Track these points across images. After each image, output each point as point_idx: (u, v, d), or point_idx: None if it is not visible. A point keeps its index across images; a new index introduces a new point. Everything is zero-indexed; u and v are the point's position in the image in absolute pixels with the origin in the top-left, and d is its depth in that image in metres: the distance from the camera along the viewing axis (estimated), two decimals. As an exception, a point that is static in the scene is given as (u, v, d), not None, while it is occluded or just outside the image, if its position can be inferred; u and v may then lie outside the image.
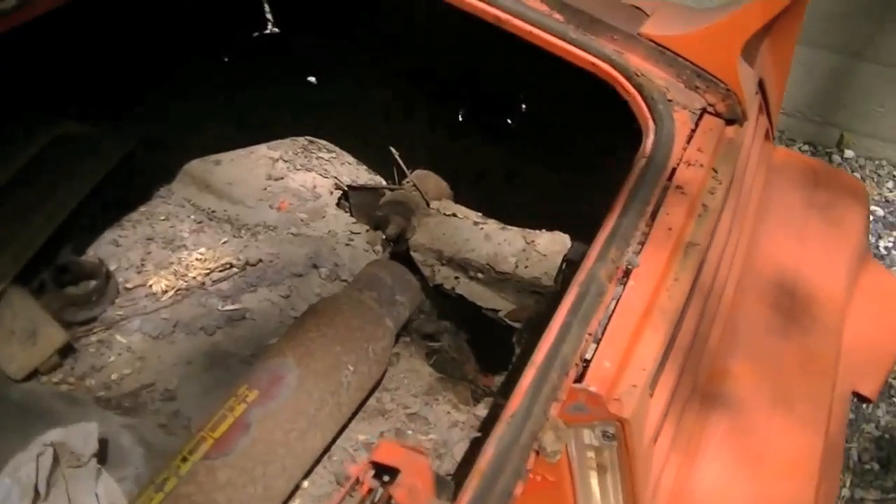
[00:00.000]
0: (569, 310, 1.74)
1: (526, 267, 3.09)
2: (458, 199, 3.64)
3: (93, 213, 3.40)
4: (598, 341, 1.72)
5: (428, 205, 3.51)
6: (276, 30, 4.34)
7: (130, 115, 3.69)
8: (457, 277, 3.23)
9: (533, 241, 3.17)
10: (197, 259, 3.28)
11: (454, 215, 3.38)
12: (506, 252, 3.15)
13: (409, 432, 2.77)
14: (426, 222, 3.36)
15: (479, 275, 3.16)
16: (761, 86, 2.74)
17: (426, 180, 3.63)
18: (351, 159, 3.94)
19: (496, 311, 3.12)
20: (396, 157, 3.71)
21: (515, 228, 3.26)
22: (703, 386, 2.22)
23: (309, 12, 4.21)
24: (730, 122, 2.45)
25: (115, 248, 3.31)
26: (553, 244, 3.13)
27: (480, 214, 3.39)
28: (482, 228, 3.28)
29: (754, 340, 2.39)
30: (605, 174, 2.43)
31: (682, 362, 2.02)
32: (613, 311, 1.79)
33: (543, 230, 3.22)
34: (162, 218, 3.48)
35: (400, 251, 3.43)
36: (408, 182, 3.63)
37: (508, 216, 3.39)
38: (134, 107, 3.72)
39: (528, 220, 3.30)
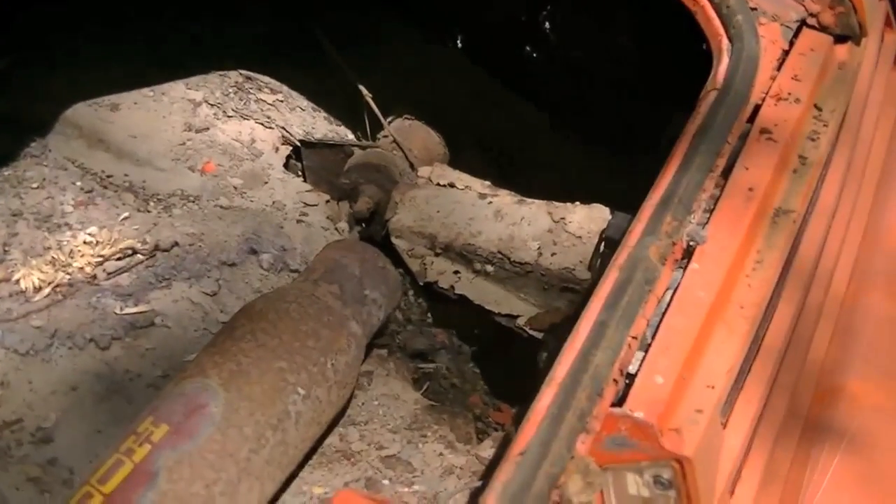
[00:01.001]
0: (604, 304, 1.73)
1: (553, 255, 3.10)
2: (456, 164, 3.65)
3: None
4: (646, 348, 1.71)
5: (414, 170, 3.51)
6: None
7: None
8: (457, 272, 3.24)
9: (563, 219, 3.17)
10: (85, 243, 3.26)
11: (451, 185, 3.38)
12: (525, 234, 3.16)
13: (386, 482, 2.77)
14: (412, 196, 3.37)
15: (488, 267, 3.18)
16: (889, -13, 2.77)
17: (411, 135, 3.65)
18: (304, 103, 3.98)
19: (513, 316, 3.13)
20: (369, 99, 3.73)
21: (538, 201, 3.27)
22: (806, 410, 2.21)
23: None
24: (841, 38, 2.48)
25: (-35, 229, 3.30)
26: (590, 222, 3.12)
27: (488, 184, 3.39)
28: (491, 203, 3.29)
29: (880, 347, 2.37)
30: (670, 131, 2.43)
31: (770, 376, 2.02)
32: (669, 305, 1.79)
33: (577, 203, 3.22)
34: (34, 185, 3.48)
35: (374, 235, 3.45)
36: (385, 137, 3.64)
37: (528, 188, 3.40)
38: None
39: (555, 194, 3.31)
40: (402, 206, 3.33)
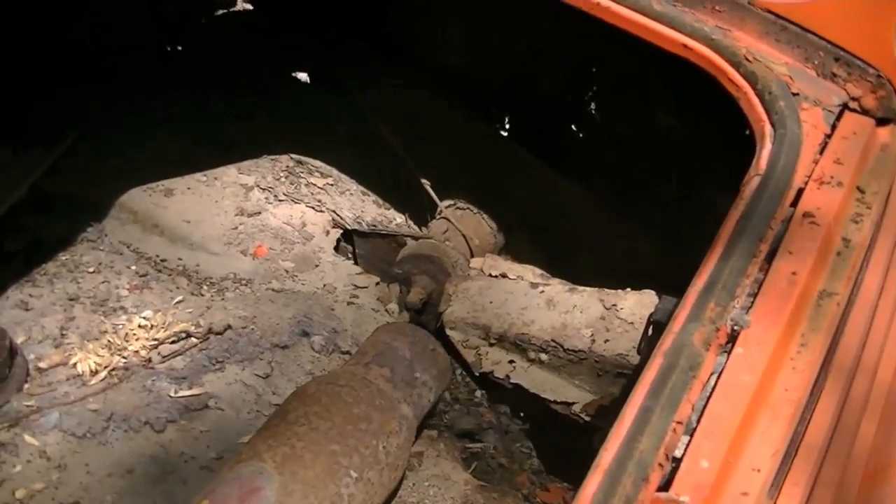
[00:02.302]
0: (649, 390, 1.77)
1: (606, 341, 3.12)
2: (508, 250, 3.69)
3: (-11, 266, 3.50)
4: (691, 433, 1.73)
5: (473, 257, 3.55)
6: (249, 6, 4.48)
7: (40, 131, 3.81)
8: (512, 362, 3.27)
9: (614, 306, 3.20)
10: (140, 326, 3.34)
11: (503, 276, 3.42)
12: (578, 322, 3.19)
13: (438, 562, 2.80)
14: (465, 287, 3.41)
15: (542, 356, 3.21)
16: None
17: (464, 224, 3.68)
18: (353, 186, 4.05)
19: (569, 404, 3.14)
20: (427, 187, 3.77)
21: (589, 289, 3.30)
22: (855, 492, 2.21)
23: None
24: (882, 121, 2.49)
25: (24, 313, 3.38)
26: (641, 308, 3.15)
27: (540, 272, 3.43)
28: (543, 292, 3.33)
29: None
30: (713, 212, 2.46)
31: (818, 459, 2.02)
32: (714, 390, 1.81)
33: (628, 290, 3.25)
34: (90, 270, 3.56)
35: (427, 325, 3.49)
36: (438, 222, 3.67)
37: (576, 271, 3.43)
38: (44, 119, 3.85)
39: (606, 278, 3.34)
40: (456, 298, 3.38)
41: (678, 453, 1.71)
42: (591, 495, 1.61)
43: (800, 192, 2.23)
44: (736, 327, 1.91)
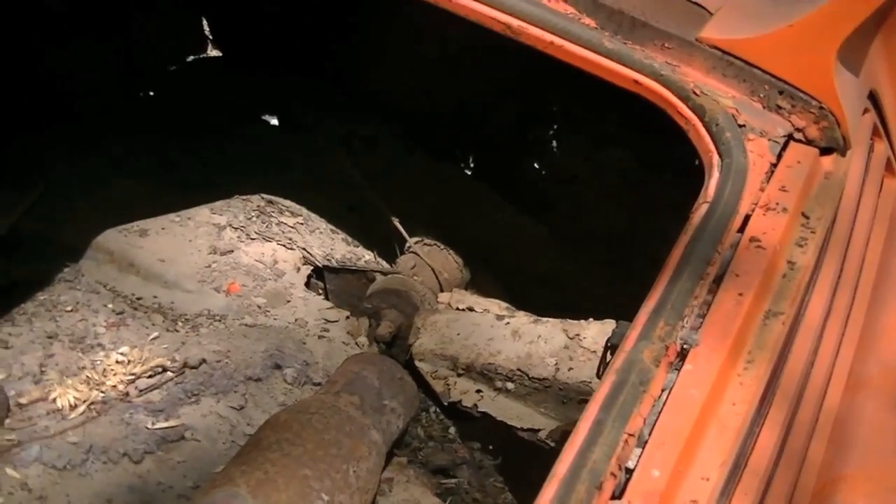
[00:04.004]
0: (602, 404, 1.82)
1: (570, 369, 3.18)
2: (473, 284, 3.75)
3: (-32, 306, 3.53)
4: (643, 444, 1.79)
5: (443, 291, 3.60)
6: (218, 53, 4.55)
7: (10, 174, 3.86)
8: (479, 391, 3.32)
9: (577, 335, 3.26)
10: (117, 362, 3.38)
11: (470, 309, 3.48)
12: (542, 352, 3.24)
13: (409, 587, 2.83)
14: (433, 321, 3.46)
15: (509, 385, 3.26)
16: (874, 100, 2.84)
17: (433, 259, 3.75)
18: (323, 225, 4.11)
19: (535, 430, 3.19)
20: (397, 223, 3.84)
21: (552, 320, 3.37)
22: (807, 500, 2.25)
23: (262, 38, 4.43)
24: (826, 150, 2.56)
25: (4, 351, 3.41)
26: (603, 336, 3.18)
27: (506, 305, 3.49)
28: (508, 323, 3.38)
29: (880, 460, 2.35)
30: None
31: (766, 471, 2.08)
32: (664, 404, 1.87)
33: (591, 320, 3.32)
34: (68, 308, 3.60)
35: (396, 357, 3.53)
36: (408, 258, 3.73)
37: (536, 303, 3.50)
38: (14, 161, 3.90)
39: (568, 310, 3.40)
40: (425, 331, 3.42)
41: (631, 464, 1.76)
42: (548, 502, 1.67)
43: (747, 218, 2.29)
44: (685, 346, 1.97)
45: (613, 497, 1.71)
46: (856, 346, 2.62)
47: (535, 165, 4.13)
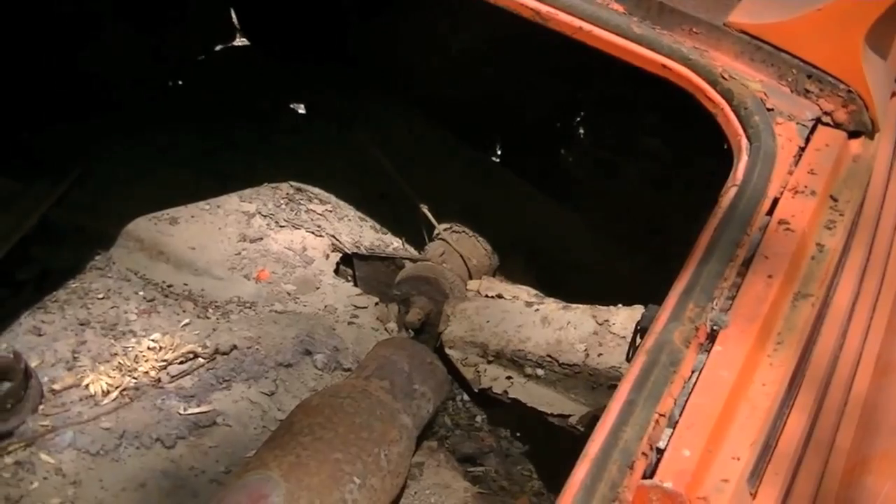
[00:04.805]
0: (633, 385, 1.83)
1: (600, 355, 3.19)
2: (502, 272, 3.75)
3: (2, 294, 3.57)
4: (673, 425, 1.80)
5: (471, 278, 3.60)
6: (246, 41, 4.57)
7: (47, 163, 3.89)
8: (509, 377, 3.33)
9: (606, 321, 3.26)
10: (149, 348, 3.41)
11: (499, 296, 3.49)
12: (572, 338, 3.25)
13: (440, 568, 2.85)
14: (463, 308, 3.48)
15: (539, 371, 3.27)
16: (903, 83, 2.84)
17: (461, 246, 3.76)
18: (351, 212, 4.13)
19: (565, 416, 3.20)
20: (426, 211, 3.84)
21: (582, 306, 3.37)
22: (838, 479, 2.24)
23: (291, 26, 4.45)
24: (854, 133, 2.56)
25: (37, 338, 3.45)
26: (633, 322, 3.19)
27: (535, 292, 3.50)
28: (538, 310, 3.39)
29: None
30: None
31: (797, 451, 2.08)
32: (694, 385, 1.87)
33: (620, 305, 3.32)
34: (100, 296, 3.63)
35: (426, 344, 3.54)
36: (435, 249, 3.74)
37: (568, 289, 3.50)
38: (50, 151, 3.93)
39: (598, 296, 3.41)
40: (454, 319, 3.44)
41: (662, 444, 1.77)
42: (580, 482, 1.67)
43: (775, 200, 2.28)
44: (715, 327, 1.97)
45: (645, 476, 1.72)
46: (884, 330, 2.60)
47: (567, 151, 4.12)
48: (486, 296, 3.52)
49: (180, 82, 4.75)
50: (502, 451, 3.40)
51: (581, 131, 4.13)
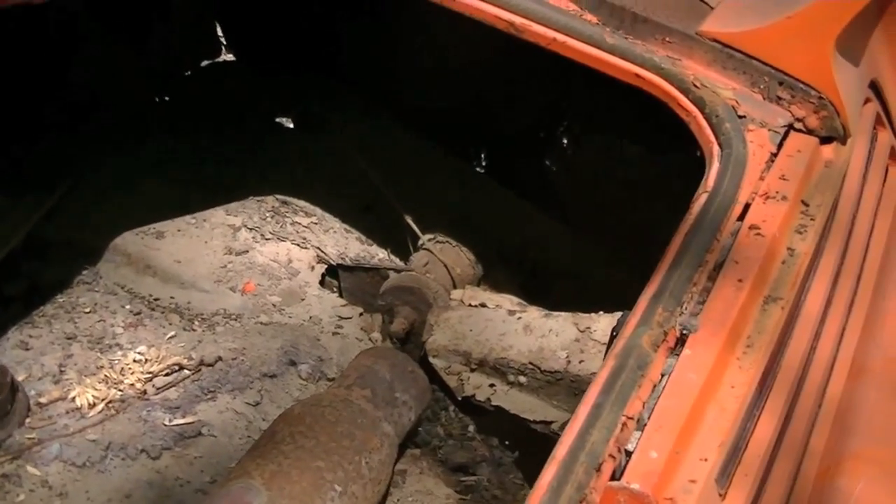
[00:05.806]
0: (601, 388, 1.85)
1: (581, 362, 3.20)
2: (486, 281, 3.77)
3: (-10, 309, 3.57)
4: (642, 427, 1.81)
5: (456, 288, 3.62)
6: (231, 57, 4.59)
7: (34, 178, 3.91)
8: (492, 385, 3.33)
9: (588, 328, 3.28)
10: (135, 361, 3.42)
11: (482, 305, 3.50)
12: (554, 345, 3.26)
13: (422, 576, 2.86)
14: (446, 317, 3.48)
15: (521, 378, 3.28)
16: (875, 89, 2.85)
17: (445, 255, 3.78)
18: (336, 224, 4.14)
19: (548, 423, 3.21)
20: (410, 222, 3.86)
21: (564, 314, 3.38)
22: (811, 482, 2.25)
23: (276, 38, 4.47)
24: (826, 139, 2.58)
25: (24, 352, 3.45)
26: (615, 329, 3.21)
27: (518, 301, 3.51)
28: (520, 318, 3.40)
29: (882, 445, 2.36)
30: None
31: (767, 453, 2.08)
32: (664, 388, 1.89)
33: (601, 313, 3.33)
34: (87, 310, 3.64)
35: (410, 353, 3.55)
36: (419, 259, 3.76)
37: (552, 298, 3.52)
38: (38, 166, 3.95)
39: (580, 304, 3.42)
40: (438, 328, 3.44)
41: (630, 447, 1.78)
42: (547, 484, 1.68)
43: (746, 206, 2.30)
44: (685, 331, 1.99)
45: (613, 478, 1.73)
46: (859, 334, 2.62)
47: (551, 160, 4.13)
48: (470, 305, 3.53)
49: (167, 97, 4.77)
50: (495, 460, 3.40)
51: (565, 140, 4.14)
